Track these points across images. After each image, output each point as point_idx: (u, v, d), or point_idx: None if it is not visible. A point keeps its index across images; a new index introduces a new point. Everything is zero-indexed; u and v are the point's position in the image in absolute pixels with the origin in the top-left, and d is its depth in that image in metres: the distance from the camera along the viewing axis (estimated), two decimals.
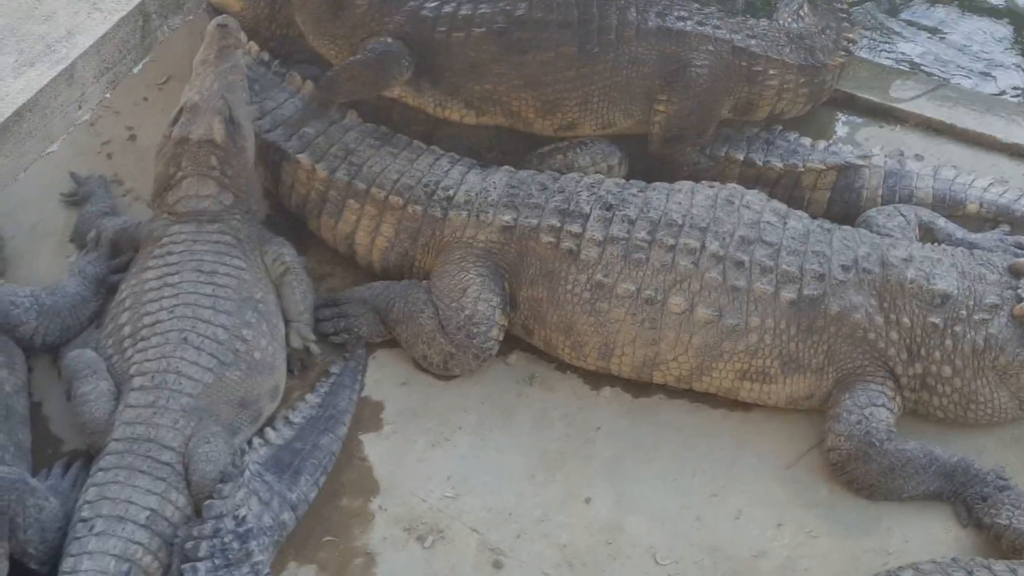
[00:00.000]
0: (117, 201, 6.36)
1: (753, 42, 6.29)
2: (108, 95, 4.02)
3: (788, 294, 5.49)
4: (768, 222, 5.66)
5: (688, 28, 6.19)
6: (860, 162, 6.25)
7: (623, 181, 5.88)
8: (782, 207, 5.79)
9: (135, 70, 4.08)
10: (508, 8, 6.15)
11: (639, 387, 5.76)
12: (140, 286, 5.59)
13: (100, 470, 5.08)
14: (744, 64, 6.26)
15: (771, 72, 6.30)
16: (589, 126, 6.26)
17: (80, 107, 3.86)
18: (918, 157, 6.45)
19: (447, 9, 6.17)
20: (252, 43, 6.46)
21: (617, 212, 5.70)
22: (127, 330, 5.47)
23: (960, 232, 6.04)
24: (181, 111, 5.95)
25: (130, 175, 6.52)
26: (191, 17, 4.17)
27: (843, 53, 6.48)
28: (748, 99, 6.36)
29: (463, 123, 6.36)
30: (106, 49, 3.85)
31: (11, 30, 3.88)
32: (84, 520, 4.92)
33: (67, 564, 4.82)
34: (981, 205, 6.22)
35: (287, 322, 5.81)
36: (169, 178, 5.92)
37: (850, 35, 6.56)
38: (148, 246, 5.78)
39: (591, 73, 6.13)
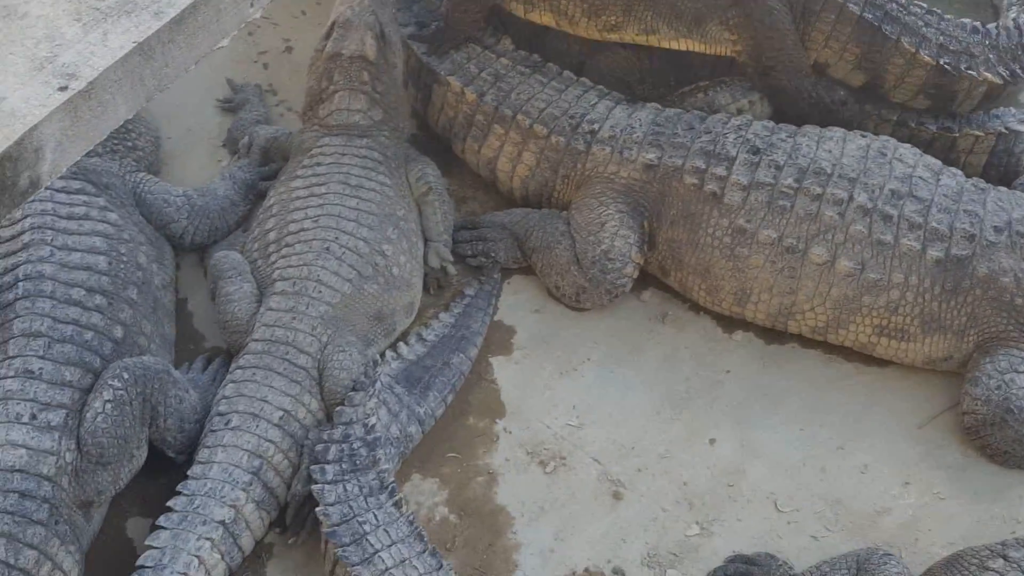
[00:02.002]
0: (270, 110, 6.50)
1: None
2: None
3: (935, 252, 5.38)
4: (920, 177, 5.53)
5: None
6: (1022, 127, 6.03)
7: (772, 124, 5.78)
8: (936, 163, 5.65)
9: None
10: None
11: (772, 334, 5.72)
12: (288, 194, 5.71)
13: (239, 368, 5.24)
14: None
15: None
16: (632, 30, 6.08)
17: (252, 5, 3.92)
18: None
19: None
20: None
21: (764, 156, 5.61)
22: (272, 236, 5.60)
23: None
24: (333, 26, 6.05)
25: (284, 86, 6.67)
26: None
27: (992, 75, 5.94)
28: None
29: (515, 16, 6.30)
30: None
31: None
32: (221, 414, 5.09)
33: (202, 455, 5.00)
34: None
35: (426, 241, 5.88)
36: (321, 92, 6.02)
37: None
38: (298, 156, 5.91)
39: None
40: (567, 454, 5.34)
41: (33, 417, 4.82)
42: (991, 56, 5.95)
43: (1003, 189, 5.65)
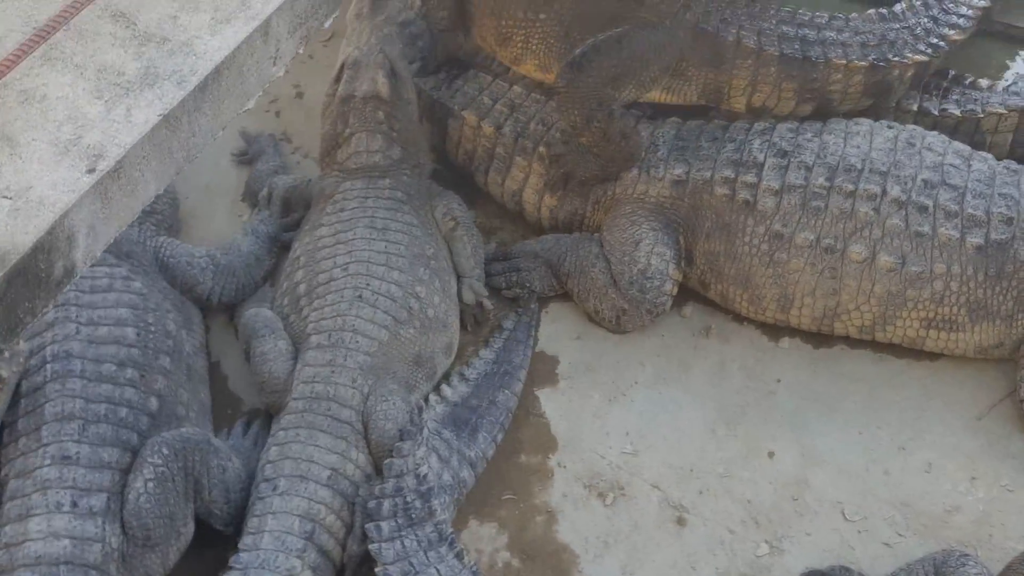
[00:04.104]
0: (287, 159, 6.42)
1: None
2: (301, 50, 4.00)
3: (975, 239, 5.28)
4: (952, 164, 5.44)
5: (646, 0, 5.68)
6: None
7: (796, 125, 5.69)
8: (965, 148, 5.57)
9: (326, 24, 4.06)
10: None
11: (819, 338, 5.63)
12: (314, 243, 5.62)
13: (281, 429, 5.12)
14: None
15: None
16: (530, 65, 5.94)
17: (275, 63, 3.84)
18: None
19: None
20: None
21: (792, 159, 5.52)
22: (302, 288, 5.50)
23: None
24: (343, 68, 5.96)
25: (298, 132, 6.58)
26: None
27: (918, 55, 5.85)
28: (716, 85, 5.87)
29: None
30: (299, 3, 3.82)
31: None
32: (267, 480, 4.97)
33: (252, 524, 4.87)
34: None
35: (459, 277, 5.78)
36: (337, 136, 5.94)
37: (953, 34, 5.97)
38: (320, 203, 5.81)
39: (535, 19, 5.81)
40: (625, 483, 5.24)
41: (74, 504, 4.69)
42: (908, 38, 5.85)
43: None
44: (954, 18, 5.99)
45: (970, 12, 6.03)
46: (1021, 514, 5.03)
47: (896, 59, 5.75)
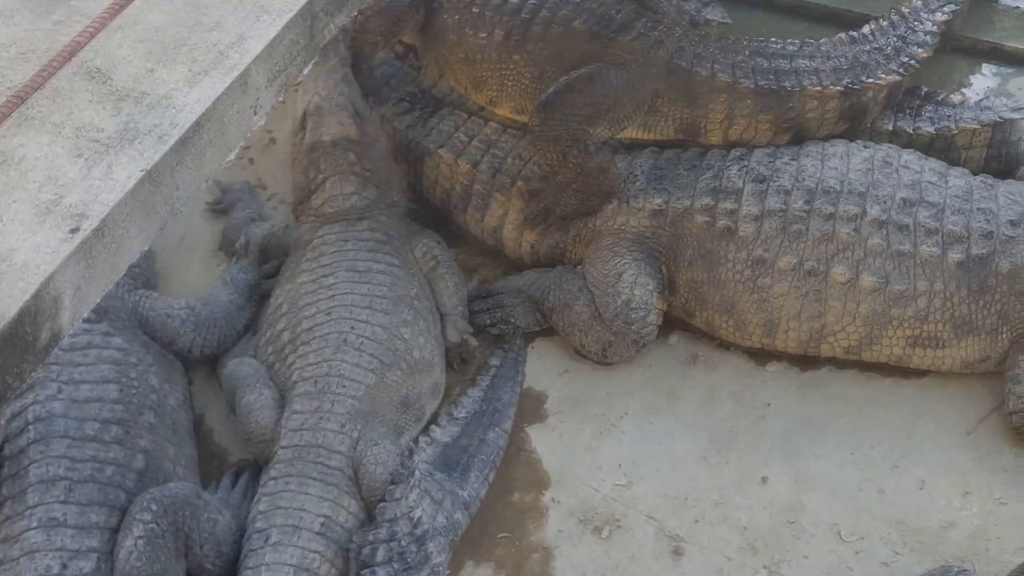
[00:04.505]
0: (262, 206, 6.37)
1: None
2: (281, 99, 3.98)
3: (956, 255, 5.31)
4: (929, 182, 5.47)
5: (618, 37, 5.73)
6: (1015, 115, 5.99)
7: (773, 149, 5.71)
8: (941, 165, 5.61)
9: (305, 71, 4.03)
10: None
11: (806, 361, 5.63)
12: (295, 290, 5.58)
13: (270, 479, 5.06)
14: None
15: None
16: (506, 107, 5.99)
17: (255, 113, 3.81)
18: None
19: None
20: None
21: (771, 183, 5.54)
22: (286, 336, 5.46)
23: None
24: (305, 116, 5.96)
25: (273, 179, 6.55)
26: (355, 13, 4.13)
27: (890, 75, 5.88)
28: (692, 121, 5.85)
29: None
30: (277, 53, 3.79)
31: (182, 40, 3.83)
32: (259, 531, 4.90)
33: None
34: None
35: (442, 316, 5.75)
36: (310, 183, 5.93)
37: (921, 51, 6.02)
38: (299, 250, 5.78)
39: (509, 61, 5.85)
40: (620, 516, 5.21)
41: (64, 567, 4.61)
42: (879, 59, 5.89)
43: (1011, 182, 5.62)
44: (920, 35, 6.05)
45: (934, 28, 6.10)
46: (1016, 527, 5.03)
47: (869, 81, 5.78)
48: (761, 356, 5.67)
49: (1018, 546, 4.94)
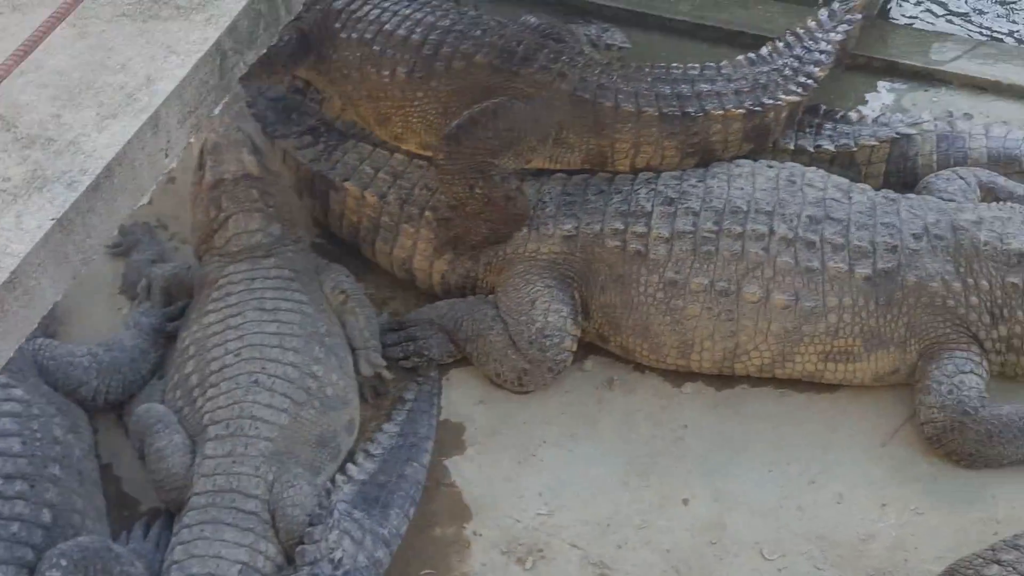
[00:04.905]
0: (163, 247, 6.22)
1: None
2: (192, 140, 3.89)
3: (863, 270, 5.39)
4: (833, 198, 5.55)
5: (520, 71, 5.71)
6: (911, 130, 6.14)
7: (680, 172, 5.74)
8: (844, 182, 5.70)
9: (216, 111, 3.95)
10: (381, 19, 5.92)
11: (721, 380, 5.66)
12: (202, 331, 5.44)
13: (184, 527, 4.91)
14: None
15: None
16: (412, 143, 5.97)
17: (167, 155, 3.70)
18: (967, 116, 6.34)
19: (350, 6, 6.00)
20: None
21: (679, 205, 5.57)
22: (195, 379, 5.32)
23: (1021, 188, 5.93)
24: (203, 154, 5.85)
25: (173, 218, 6.40)
26: (264, 50, 4.06)
27: (791, 95, 5.93)
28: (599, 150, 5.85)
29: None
30: (187, 93, 3.69)
31: (87, 83, 3.71)
32: None
33: None
34: None
35: (354, 351, 5.65)
36: (212, 222, 5.81)
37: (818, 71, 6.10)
38: (205, 289, 5.65)
39: (413, 97, 5.84)
40: (544, 545, 5.16)
41: None
42: (779, 79, 5.96)
43: (911, 196, 5.73)
44: (816, 55, 6.13)
45: (829, 47, 6.19)
46: (933, 536, 5.10)
47: (771, 102, 5.84)
48: (677, 377, 5.68)
49: (936, 555, 4.99)
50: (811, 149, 6.09)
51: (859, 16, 6.42)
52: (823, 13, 6.36)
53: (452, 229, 5.80)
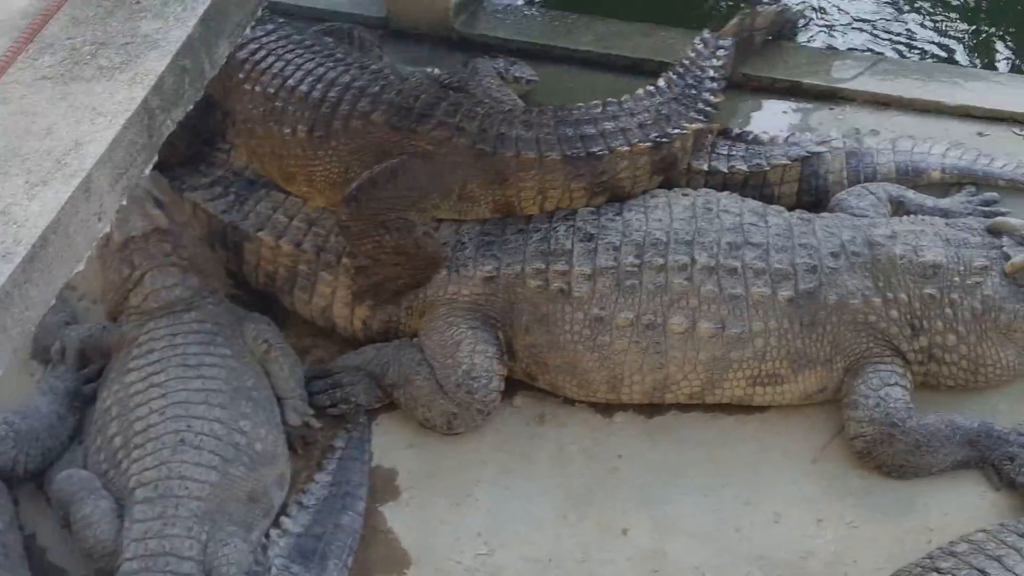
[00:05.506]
0: (73, 308, 6.05)
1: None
2: (124, 202, 3.78)
3: (785, 292, 5.44)
4: (750, 223, 5.60)
5: (418, 128, 5.65)
6: (821, 148, 6.20)
7: (596, 208, 5.73)
8: (759, 205, 5.76)
9: (146, 171, 3.85)
10: (284, 72, 5.86)
11: (652, 407, 5.66)
12: (124, 391, 5.30)
13: None
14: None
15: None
16: (319, 200, 5.92)
17: (100, 220, 3.59)
18: (874, 132, 6.49)
19: (253, 57, 5.93)
20: None
21: (599, 241, 5.57)
22: (118, 441, 5.17)
23: (930, 201, 6.06)
24: None
25: (83, 278, 6.05)
26: (191, 107, 3.98)
27: (694, 123, 5.96)
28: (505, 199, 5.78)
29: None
30: (117, 155, 3.58)
31: (13, 151, 3.58)
32: None
33: None
34: (943, 171, 6.24)
35: (280, 401, 5.55)
36: (126, 281, 5.69)
37: (714, 97, 6.18)
38: (123, 349, 5.51)
39: (315, 156, 5.78)
40: None
41: None
42: (680, 108, 6.00)
43: (825, 215, 5.80)
44: (707, 82, 6.19)
45: (714, 73, 6.24)
46: (870, 548, 5.15)
47: (676, 132, 5.84)
48: (607, 408, 5.67)
49: (875, 567, 5.04)
50: (725, 170, 6.13)
51: (730, 41, 6.50)
52: (698, 42, 6.40)
53: (371, 277, 5.72)
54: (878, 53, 7.61)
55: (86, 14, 4.05)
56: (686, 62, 6.32)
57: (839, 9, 8.23)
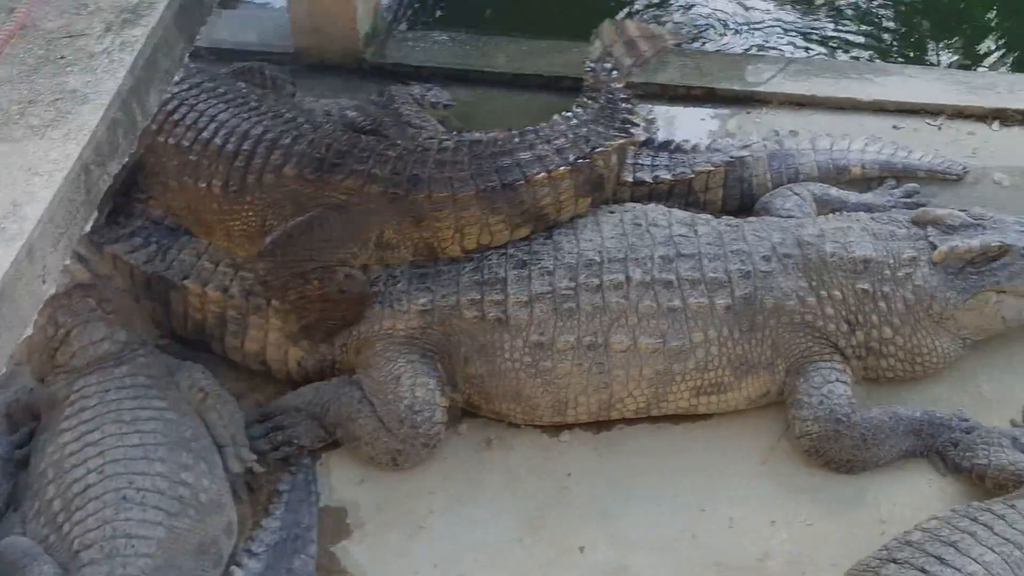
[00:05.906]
0: None
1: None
2: (67, 261, 3.67)
3: (722, 300, 5.47)
4: (680, 234, 5.62)
5: (329, 179, 5.56)
6: (743, 153, 6.27)
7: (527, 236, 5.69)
8: (686, 215, 5.77)
9: (87, 228, 3.75)
10: (198, 124, 5.79)
11: (598, 423, 5.63)
12: (59, 453, 5.15)
13: None
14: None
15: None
16: (240, 252, 5.84)
17: (44, 282, 3.47)
18: (792, 133, 6.56)
19: (166, 107, 5.80)
20: None
21: (532, 267, 5.54)
22: (57, 504, 5.01)
23: (853, 197, 6.17)
24: None
25: None
26: (127, 159, 3.88)
27: (615, 139, 5.81)
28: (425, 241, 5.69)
29: None
30: (58, 213, 3.47)
31: None
32: None
33: None
34: (863, 167, 6.35)
35: (220, 449, 5.41)
36: (51, 340, 5.54)
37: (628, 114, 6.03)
38: (55, 409, 5.35)
39: (231, 211, 5.73)
40: None
41: None
42: (598, 128, 5.87)
43: (752, 219, 5.86)
44: (620, 100, 6.00)
45: (617, 87, 6.05)
46: (826, 545, 5.18)
47: (597, 151, 5.71)
48: (554, 427, 5.63)
49: (831, 563, 5.07)
50: (650, 180, 6.14)
51: (609, 61, 6.29)
52: (589, 68, 6.16)
53: (303, 318, 5.64)
54: (790, 55, 7.70)
55: (10, 72, 3.93)
56: (591, 83, 6.17)
57: (746, 8, 8.31)
